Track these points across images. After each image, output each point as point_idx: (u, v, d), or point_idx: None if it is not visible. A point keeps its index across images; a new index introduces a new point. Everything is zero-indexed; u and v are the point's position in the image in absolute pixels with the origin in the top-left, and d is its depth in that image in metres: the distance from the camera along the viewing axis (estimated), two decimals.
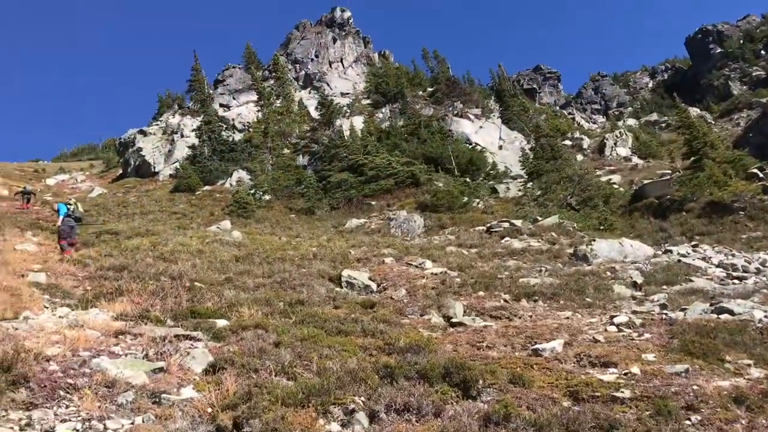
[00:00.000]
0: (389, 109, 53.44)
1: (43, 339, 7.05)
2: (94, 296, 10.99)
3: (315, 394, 5.82)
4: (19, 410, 5.10)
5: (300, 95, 59.02)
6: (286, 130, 49.68)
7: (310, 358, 7.25)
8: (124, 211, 32.45)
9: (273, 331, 8.52)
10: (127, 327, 8.34)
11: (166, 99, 66.34)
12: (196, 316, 9.56)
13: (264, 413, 5.28)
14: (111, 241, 19.64)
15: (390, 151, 40.48)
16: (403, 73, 60.93)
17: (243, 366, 6.69)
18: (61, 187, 48.82)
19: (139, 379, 6.06)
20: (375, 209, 32.13)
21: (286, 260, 16.92)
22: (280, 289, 13.22)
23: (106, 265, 14.65)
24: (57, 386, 5.62)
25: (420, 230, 25.66)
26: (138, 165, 48.26)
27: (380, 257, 17.81)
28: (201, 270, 14.70)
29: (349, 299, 12.66)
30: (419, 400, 5.76)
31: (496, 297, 12.65)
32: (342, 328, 9.09)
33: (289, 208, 34.72)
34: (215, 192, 39.27)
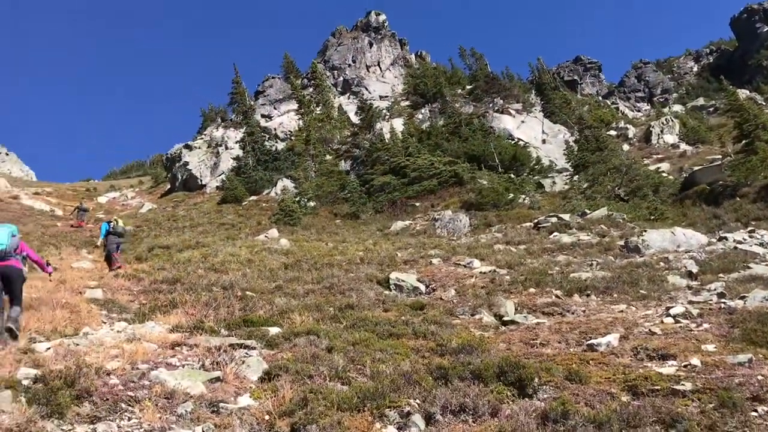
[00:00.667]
0: (429, 109, 53.32)
1: (102, 353, 7.23)
2: (149, 309, 11.25)
3: (370, 398, 5.82)
4: (84, 423, 5.24)
5: (339, 101, 59.39)
6: (327, 136, 50.05)
7: (363, 362, 7.27)
8: (174, 224, 33.12)
9: (325, 337, 8.57)
10: (182, 338, 8.50)
11: (209, 113, 67.54)
12: (248, 324, 9.69)
13: (320, 419, 5.30)
14: (163, 255, 20.10)
15: (432, 151, 40.34)
16: (441, 73, 60.74)
17: (297, 372, 6.74)
18: (113, 204, 50.15)
19: (197, 390, 6.16)
20: (419, 210, 32.08)
21: (333, 265, 17.03)
22: (329, 294, 13.32)
23: (159, 278, 15.00)
24: (119, 399, 5.75)
25: (466, 229, 25.51)
26: (185, 179, 49.21)
27: (427, 258, 17.76)
28: (251, 279, 14.91)
29: (398, 302, 12.66)
30: (475, 401, 5.70)
31: (548, 293, 12.46)
32: (393, 331, 9.09)
33: (334, 214, 34.92)
34: (261, 201, 39.76)
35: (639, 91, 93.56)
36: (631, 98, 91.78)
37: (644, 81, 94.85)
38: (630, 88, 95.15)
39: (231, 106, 57.54)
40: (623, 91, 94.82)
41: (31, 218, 34.32)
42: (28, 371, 6.07)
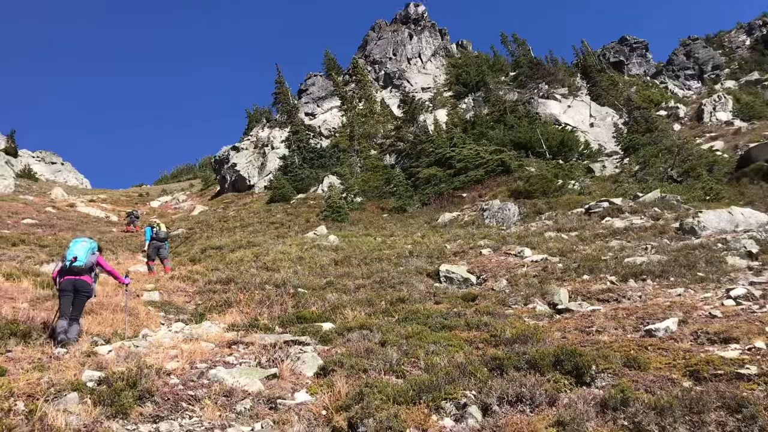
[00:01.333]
0: (472, 98, 52.87)
1: (162, 354, 7.42)
2: (205, 310, 11.49)
3: (425, 391, 5.82)
4: (148, 423, 5.38)
5: (381, 95, 59.38)
6: (370, 131, 50.12)
7: (417, 355, 7.27)
8: (226, 225, 33.65)
9: (377, 331, 8.60)
10: (238, 337, 8.65)
11: (254, 114, 68.41)
12: (302, 321, 9.79)
13: (377, 412, 5.32)
14: (216, 256, 20.48)
15: (477, 140, 40.00)
16: (483, 61, 60.15)
17: (352, 367, 6.78)
18: (165, 208, 51.32)
19: (254, 387, 6.26)
20: (467, 201, 31.86)
21: (383, 260, 17.08)
22: (380, 288, 13.35)
23: (213, 279, 15.29)
24: (179, 398, 5.89)
25: (515, 218, 25.24)
26: (234, 180, 49.96)
27: (477, 249, 17.65)
28: (303, 276, 15.07)
29: (449, 294, 12.63)
30: (532, 390, 5.64)
31: (602, 279, 12.24)
32: (446, 323, 9.06)
33: (381, 208, 34.97)
34: (309, 199, 40.07)
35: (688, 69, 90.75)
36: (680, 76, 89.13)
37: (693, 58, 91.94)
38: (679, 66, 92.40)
39: (275, 106, 58.15)
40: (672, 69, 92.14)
41: (87, 225, 35.38)
42: (92, 374, 6.26)
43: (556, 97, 49.09)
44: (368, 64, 64.99)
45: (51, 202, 44.43)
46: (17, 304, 9.78)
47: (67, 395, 5.47)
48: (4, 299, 9.94)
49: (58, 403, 5.29)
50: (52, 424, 4.75)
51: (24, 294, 10.88)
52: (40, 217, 34.64)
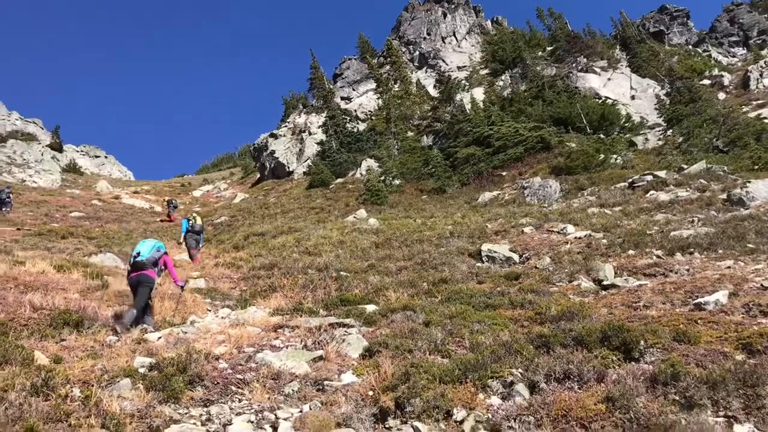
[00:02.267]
0: (509, 75, 52.14)
1: (210, 339, 7.55)
2: (250, 295, 11.65)
3: (471, 370, 5.80)
4: (198, 407, 5.49)
5: (417, 76, 58.97)
6: (407, 113, 49.86)
7: (462, 334, 7.25)
8: (267, 212, 33.99)
9: (421, 312, 8.60)
10: (283, 321, 8.75)
11: (291, 100, 68.73)
12: (345, 303, 9.86)
13: (423, 392, 5.32)
14: (258, 242, 20.72)
15: (515, 118, 39.47)
16: (520, 36, 59.17)
17: (397, 348, 6.80)
18: (207, 197, 52.08)
19: (301, 369, 6.33)
20: (507, 180, 31.53)
21: (423, 241, 17.05)
22: (421, 270, 13.35)
23: (257, 265, 15.49)
24: (228, 382, 5.99)
25: (557, 195, 24.90)
26: (273, 167, 50.35)
27: (519, 228, 17.49)
28: (344, 260, 15.15)
29: (492, 273, 12.56)
30: (579, 367, 5.58)
31: (648, 254, 12.01)
32: (489, 302, 9.02)
33: (419, 190, 34.87)
34: (347, 183, 40.18)
35: (732, 36, 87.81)
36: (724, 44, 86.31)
37: (738, 24, 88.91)
38: (722, 33, 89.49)
39: (311, 91, 58.30)
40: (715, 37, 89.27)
41: (132, 216, 36.12)
42: (143, 360, 6.41)
43: (595, 70, 48.06)
44: (402, 45, 64.54)
45: (96, 195, 45.49)
46: (69, 295, 10.02)
47: (120, 381, 5.61)
48: (56, 290, 10.20)
49: (112, 389, 5.43)
50: (107, 410, 4.87)
51: (74, 285, 11.15)
52: (87, 210, 35.49)
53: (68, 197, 41.52)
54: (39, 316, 8.12)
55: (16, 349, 6.01)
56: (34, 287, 10.01)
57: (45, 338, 7.28)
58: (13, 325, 7.50)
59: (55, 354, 6.53)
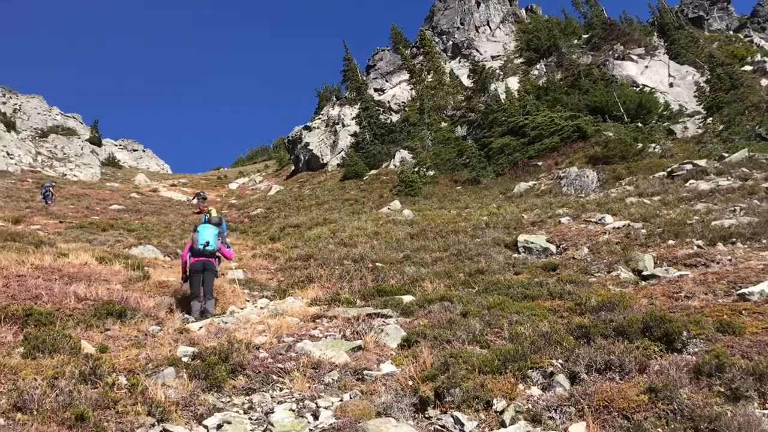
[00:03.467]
0: (544, 64, 51.54)
1: (250, 329, 7.66)
2: (287, 286, 11.77)
3: (511, 360, 5.78)
4: (241, 395, 5.58)
5: (450, 66, 58.62)
6: (440, 103, 49.64)
7: (500, 325, 7.23)
8: (302, 204, 34.25)
9: (458, 302, 8.60)
10: (321, 311, 8.84)
11: (324, 92, 68.97)
12: (382, 294, 9.90)
13: (463, 382, 5.33)
14: (294, 234, 20.90)
15: (551, 107, 39.01)
16: (555, 25, 58.38)
17: (435, 338, 6.81)
18: (243, 189, 52.65)
19: (340, 359, 6.39)
20: (542, 170, 31.23)
21: (459, 232, 17.00)
22: (457, 260, 13.32)
23: (293, 256, 15.63)
24: (269, 371, 6.07)
25: (594, 185, 24.59)
26: (307, 159, 50.64)
27: (555, 218, 17.33)
28: (379, 251, 15.19)
29: (528, 264, 12.48)
30: (620, 358, 5.52)
31: (688, 244, 11.80)
32: (527, 293, 8.96)
33: (454, 181, 34.75)
34: (381, 175, 40.23)
35: None
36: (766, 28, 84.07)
37: None
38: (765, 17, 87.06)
39: (344, 83, 58.42)
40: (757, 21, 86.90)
41: (171, 208, 36.69)
42: (186, 349, 6.54)
43: (632, 57, 47.20)
44: (435, 35, 64.19)
45: (135, 188, 46.32)
46: (111, 286, 10.24)
47: (165, 370, 5.73)
48: (99, 281, 10.42)
49: (157, 378, 5.55)
50: (153, 398, 4.98)
51: (116, 276, 11.38)
52: (126, 203, 36.17)
53: (108, 190, 42.36)
54: (83, 307, 8.31)
55: (64, 338, 6.18)
56: (78, 278, 10.26)
57: (90, 328, 7.46)
58: (60, 315, 7.71)
59: (100, 343, 6.69)
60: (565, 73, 46.57)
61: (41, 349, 5.93)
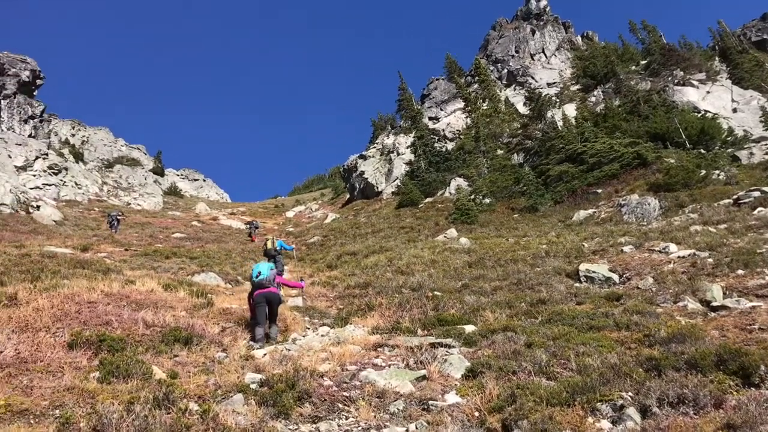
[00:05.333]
0: (601, 90, 50.96)
1: (313, 357, 7.71)
2: (347, 314, 11.82)
3: (579, 392, 5.67)
4: (308, 423, 5.61)
5: (505, 94, 58.54)
6: (496, 131, 49.54)
7: (566, 356, 7.09)
8: (358, 231, 34.46)
9: (522, 333, 8.48)
10: (383, 339, 8.84)
11: (379, 122, 69.80)
12: (443, 323, 9.84)
13: (531, 414, 5.24)
14: (351, 261, 21.02)
15: (609, 134, 38.48)
16: (611, 51, 57.77)
17: (500, 369, 6.73)
18: (299, 217, 53.34)
19: (405, 388, 6.36)
20: (602, 197, 30.71)
21: (518, 261, 16.81)
22: (517, 290, 13.16)
23: (351, 284, 15.71)
24: (335, 399, 6.10)
25: (656, 213, 24.02)
26: (363, 187, 51.09)
27: (617, 247, 16.96)
28: (437, 279, 15.14)
29: (591, 294, 12.23)
30: (694, 392, 5.34)
31: (759, 274, 11.36)
32: (593, 324, 8.78)
33: (511, 209, 34.47)
34: (437, 203, 40.22)
35: None
36: None
37: None
38: None
39: (399, 112, 59.02)
40: None
41: (230, 236, 37.41)
42: (253, 376, 6.63)
43: (692, 83, 46.24)
44: (490, 63, 64.30)
45: (196, 217, 47.45)
46: (177, 312, 10.47)
47: (233, 396, 5.82)
48: (165, 308, 10.67)
49: (226, 404, 5.64)
50: (224, 424, 5.06)
51: (181, 303, 11.64)
52: (188, 231, 37.07)
53: (170, 219, 43.54)
54: (152, 333, 8.52)
55: (136, 364, 6.35)
56: (145, 305, 10.53)
57: (159, 354, 7.63)
58: (130, 341, 7.92)
59: (170, 369, 6.84)
60: (624, 99, 45.93)
61: (115, 374, 6.11)
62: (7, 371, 6.11)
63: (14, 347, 6.92)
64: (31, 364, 6.46)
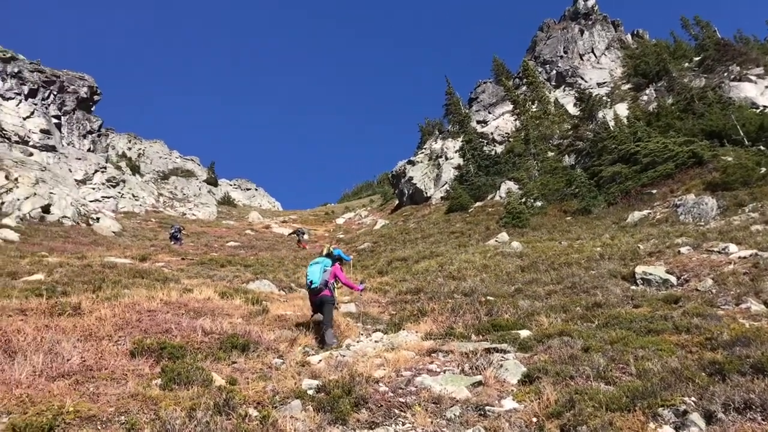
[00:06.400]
0: (653, 89, 49.88)
1: (368, 363, 7.76)
2: (399, 319, 11.84)
3: (640, 397, 5.55)
4: (365, 429, 5.65)
5: (554, 95, 57.87)
6: (546, 133, 49.00)
7: (625, 360, 6.96)
8: (407, 237, 34.51)
9: (578, 337, 8.35)
10: (436, 345, 8.82)
11: (426, 127, 69.82)
12: (497, 329, 9.76)
13: (590, 420, 5.16)
14: (402, 267, 21.05)
15: (663, 133, 37.61)
16: (663, 48, 56.51)
17: (557, 374, 6.65)
18: (349, 224, 53.71)
19: (461, 394, 6.34)
20: (657, 198, 30.01)
21: (571, 264, 16.57)
22: (572, 294, 12.97)
23: (403, 289, 15.74)
24: (391, 405, 6.12)
25: (714, 212, 23.35)
26: (411, 193, 51.15)
27: (674, 248, 16.56)
28: (490, 284, 15.04)
29: (648, 296, 11.96)
30: (762, 397, 5.16)
31: None
32: (651, 327, 8.59)
33: (563, 211, 34.00)
34: (487, 207, 39.97)
35: None
36: None
37: None
38: None
39: (446, 117, 59.01)
40: None
41: (283, 244, 37.95)
42: (310, 382, 6.71)
43: (750, 78, 44.83)
44: (538, 65, 63.68)
45: (249, 225, 48.29)
46: (233, 320, 10.67)
47: (291, 402, 5.91)
48: (222, 315, 10.89)
49: (284, 410, 5.73)
50: (283, 429, 5.15)
51: (237, 310, 11.86)
52: (242, 240, 37.76)
53: (224, 228, 44.40)
54: (210, 340, 8.71)
55: (197, 371, 6.50)
56: (203, 313, 10.77)
57: (218, 360, 7.80)
58: (189, 348, 8.11)
59: (229, 376, 6.98)
60: (677, 97, 44.86)
61: (177, 381, 6.26)
62: (74, 378, 6.33)
63: (80, 355, 7.17)
64: (96, 371, 6.68)
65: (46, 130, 47.98)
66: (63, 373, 6.42)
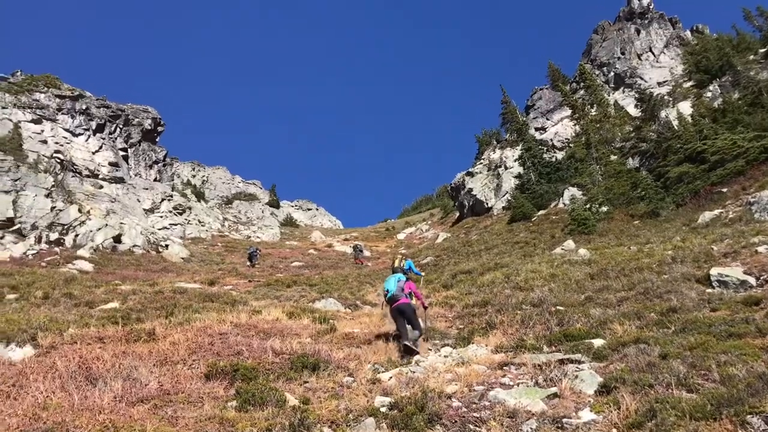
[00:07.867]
0: (717, 84, 48.21)
1: (439, 378, 7.71)
2: (468, 333, 11.73)
3: (726, 404, 5.32)
4: None
5: (614, 97, 56.66)
6: (607, 136, 47.95)
7: (706, 366, 6.69)
8: (470, 249, 34.25)
9: (655, 344, 8.09)
10: (507, 358, 8.70)
11: (483, 137, 69.34)
12: (569, 339, 9.56)
13: (673, 429, 4.99)
14: (467, 280, 20.87)
15: (730, 129, 36.24)
16: (725, 42, 54.59)
17: (635, 383, 6.45)
18: (410, 239, 53.76)
19: (536, 407, 6.22)
20: (728, 196, 28.89)
21: (642, 269, 16.08)
22: (645, 299, 12.58)
23: (469, 302, 15.60)
24: (465, 420, 6.05)
25: None
26: (472, 205, 50.83)
27: (750, 247, 15.88)
28: (558, 293, 14.74)
29: (726, 299, 11.48)
30: None
31: None
32: (732, 331, 8.24)
33: (630, 215, 33.13)
34: (550, 214, 39.33)
35: None
36: None
37: None
38: None
39: (503, 126, 58.57)
40: None
41: (345, 261, 38.26)
42: (382, 399, 6.71)
43: None
44: (595, 68, 62.54)
45: (312, 245, 48.92)
46: (302, 339, 10.81)
47: (365, 420, 5.92)
48: (290, 335, 11.05)
49: (358, 428, 5.75)
50: None
51: (305, 330, 12.01)
52: (305, 259, 38.26)
53: (288, 249, 45.10)
54: (281, 361, 8.83)
55: (270, 392, 6.60)
56: (272, 333, 10.96)
57: (290, 381, 7.89)
58: (261, 369, 8.24)
59: (302, 395, 7.05)
60: (743, 91, 43.21)
61: (251, 402, 6.37)
62: (153, 403, 6.51)
63: (157, 380, 7.38)
64: (173, 395, 6.86)
65: (114, 163, 49.96)
66: (142, 398, 6.62)
